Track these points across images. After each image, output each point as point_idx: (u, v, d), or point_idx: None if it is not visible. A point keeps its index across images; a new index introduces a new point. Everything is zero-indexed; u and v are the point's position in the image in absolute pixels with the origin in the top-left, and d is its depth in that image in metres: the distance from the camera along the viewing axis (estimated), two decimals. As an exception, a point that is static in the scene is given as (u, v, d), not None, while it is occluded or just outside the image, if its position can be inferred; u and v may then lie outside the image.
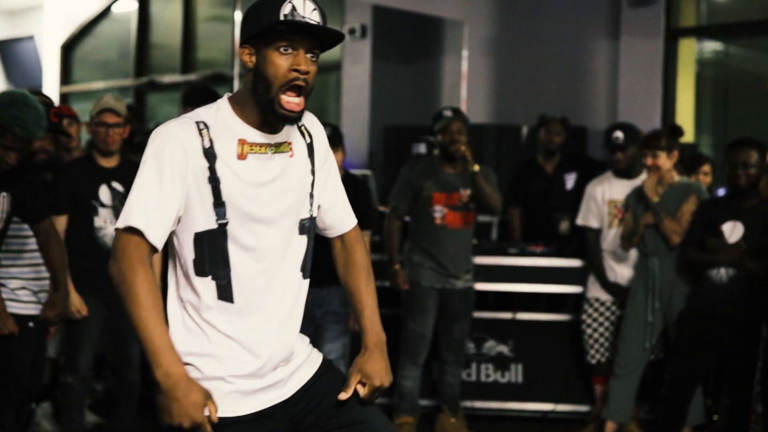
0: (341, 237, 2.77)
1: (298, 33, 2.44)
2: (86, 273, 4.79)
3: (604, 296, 5.67)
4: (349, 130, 9.12)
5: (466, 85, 8.86)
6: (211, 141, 2.46)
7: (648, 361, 5.48)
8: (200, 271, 2.45)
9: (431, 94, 9.34)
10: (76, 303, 4.75)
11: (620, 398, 5.42)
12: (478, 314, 5.78)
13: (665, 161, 5.30)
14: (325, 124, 2.87)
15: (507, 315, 6.04)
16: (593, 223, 5.68)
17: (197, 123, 2.49)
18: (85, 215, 4.85)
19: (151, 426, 5.09)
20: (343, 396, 2.59)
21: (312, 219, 2.62)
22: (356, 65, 9.27)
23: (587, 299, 5.75)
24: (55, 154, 5.70)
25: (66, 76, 12.94)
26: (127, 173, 4.92)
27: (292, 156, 2.55)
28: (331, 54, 10.21)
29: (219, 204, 2.43)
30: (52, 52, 12.93)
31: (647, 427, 5.62)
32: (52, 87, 12.80)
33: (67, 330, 4.89)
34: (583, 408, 5.90)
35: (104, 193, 4.88)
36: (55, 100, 11.82)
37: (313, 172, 2.60)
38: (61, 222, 4.79)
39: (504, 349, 6.04)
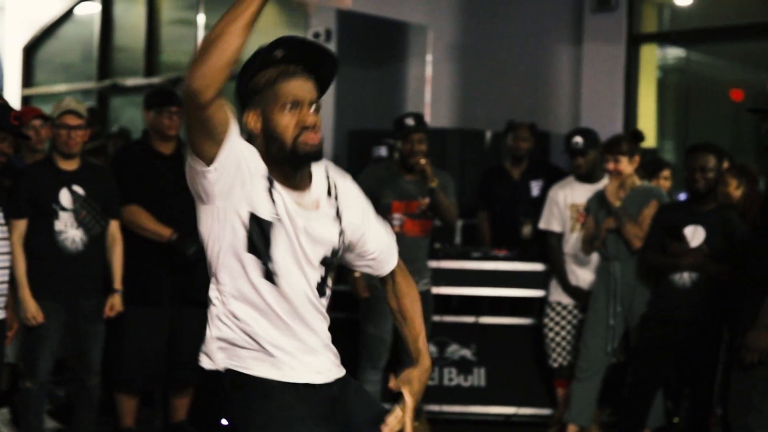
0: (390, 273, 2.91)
1: (297, 64, 2.56)
2: (47, 277, 4.76)
3: (566, 300, 5.71)
4: (313, 134, 9.12)
5: (430, 89, 8.88)
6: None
7: (609, 365, 5.52)
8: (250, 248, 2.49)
9: (395, 98, 9.35)
10: (32, 309, 4.72)
11: (582, 402, 5.46)
12: (440, 318, 5.79)
13: (626, 166, 5.35)
14: None
15: (470, 319, 6.06)
16: (555, 227, 5.71)
17: None
18: (46, 219, 4.82)
19: (110, 430, 5.08)
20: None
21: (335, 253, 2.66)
22: (321, 69, 9.25)
23: (549, 303, 5.78)
24: (15, 157, 5.65)
25: (28, 79, 12.82)
26: (87, 176, 4.89)
27: (318, 209, 2.59)
28: (295, 58, 10.20)
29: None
30: (13, 54, 12.80)
31: (609, 430, 5.66)
32: (13, 89, 12.67)
33: (26, 335, 4.85)
34: (545, 411, 5.94)
35: (65, 197, 4.85)
36: (17, 102, 11.73)
37: (339, 217, 2.66)
38: (20, 226, 4.75)
39: (467, 352, 6.06)
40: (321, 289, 2.63)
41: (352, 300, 5.58)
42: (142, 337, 5.13)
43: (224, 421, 5.67)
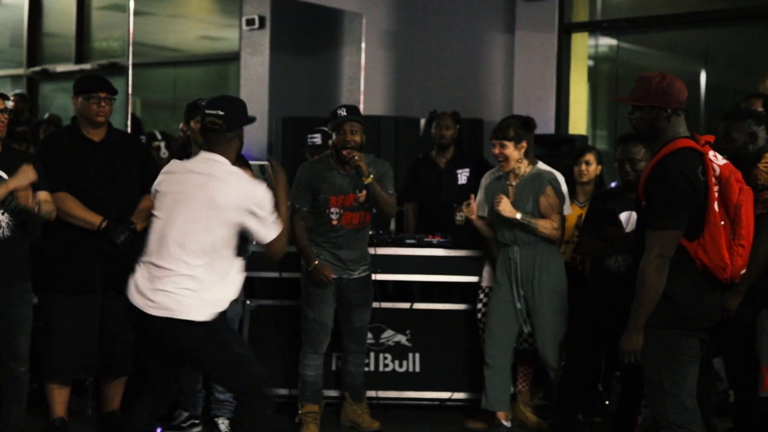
0: None
1: None
2: None
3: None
4: (247, 122, 9.07)
5: (364, 77, 8.89)
6: None
7: (531, 350, 5.61)
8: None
9: (330, 85, 9.34)
10: None
11: (497, 387, 5.54)
12: (376, 304, 5.81)
13: (513, 151, 5.43)
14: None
15: (405, 305, 6.09)
16: (485, 213, 5.76)
17: None
18: None
19: (41, 421, 5.02)
20: None
21: None
22: (254, 56, 9.21)
23: (482, 288, 5.84)
24: None
25: (-45, 65, 12.56)
26: (11, 161, 4.80)
27: None
28: (229, 45, 10.17)
29: None
30: (-61, 39, 12.54)
31: (542, 413, 5.74)
32: (-61, 75, 12.41)
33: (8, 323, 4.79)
34: (478, 396, 5.98)
35: None
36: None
37: None
38: None
39: (402, 338, 6.09)
40: None
41: (295, 286, 5.57)
42: (72, 326, 5.07)
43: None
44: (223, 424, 5.43)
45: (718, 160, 3.94)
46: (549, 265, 5.44)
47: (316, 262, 5.41)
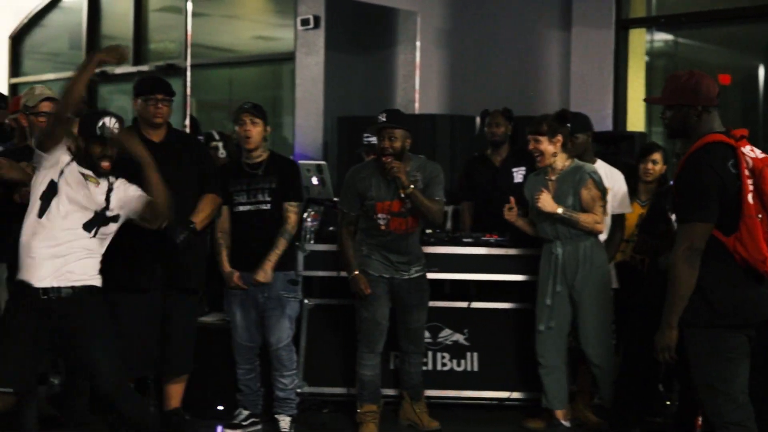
0: None
1: None
2: None
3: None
4: (302, 121, 9.13)
5: (419, 75, 8.89)
6: None
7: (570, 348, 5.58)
8: None
9: (384, 84, 9.35)
10: None
11: (553, 387, 5.51)
12: (433, 303, 5.81)
13: (547, 146, 5.39)
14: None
15: (462, 304, 6.07)
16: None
17: None
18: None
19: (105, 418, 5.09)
20: None
21: None
22: (309, 56, 9.25)
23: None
24: (11, 143, 5.67)
25: (15, 68, 12.77)
26: None
27: None
28: (285, 44, 10.21)
29: None
30: (0, 42, 12.75)
31: (601, 413, 5.69)
32: (1, 78, 12.62)
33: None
34: (537, 395, 5.95)
35: None
36: (5, 91, 11.66)
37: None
38: None
39: (460, 337, 6.07)
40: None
41: (348, 286, 5.59)
42: (133, 324, 5.12)
43: (220, 407, 5.71)
44: (283, 421, 5.46)
45: (754, 153, 3.89)
46: (593, 259, 5.40)
47: (356, 273, 5.43)
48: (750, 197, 3.83)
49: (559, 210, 5.32)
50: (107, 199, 4.43)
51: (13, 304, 4.42)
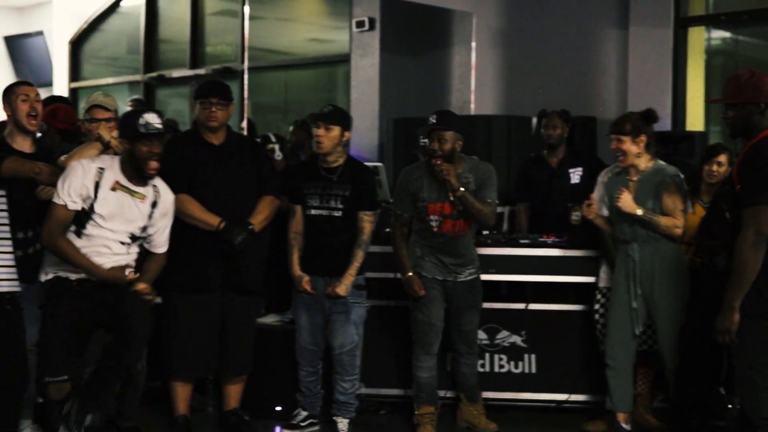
0: None
1: None
2: None
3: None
4: (358, 123, 9.13)
5: (474, 76, 8.86)
6: None
7: (651, 352, 5.49)
8: None
9: (440, 85, 9.34)
10: None
11: (619, 389, 5.44)
12: (490, 305, 5.78)
13: (630, 146, 5.30)
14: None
15: (520, 305, 6.04)
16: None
17: None
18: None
19: (163, 419, 5.15)
20: None
21: None
22: (365, 57, 9.27)
23: (599, 289, 5.75)
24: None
25: (75, 72, 12.97)
26: None
27: None
28: (339, 46, 10.24)
29: None
30: (60, 47, 12.96)
31: (662, 416, 5.62)
32: (61, 83, 12.83)
33: None
34: (596, 398, 5.90)
35: None
36: (66, 95, 11.86)
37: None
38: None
39: (517, 339, 6.04)
40: None
41: (401, 288, 5.60)
42: (193, 325, 5.18)
43: (278, 408, 5.75)
44: (341, 423, 5.46)
45: None
46: (670, 263, 5.30)
47: (410, 274, 5.42)
48: None
49: (639, 211, 5.23)
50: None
51: (52, 297, 4.57)
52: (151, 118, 4.54)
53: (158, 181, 4.79)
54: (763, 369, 3.90)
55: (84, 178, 4.56)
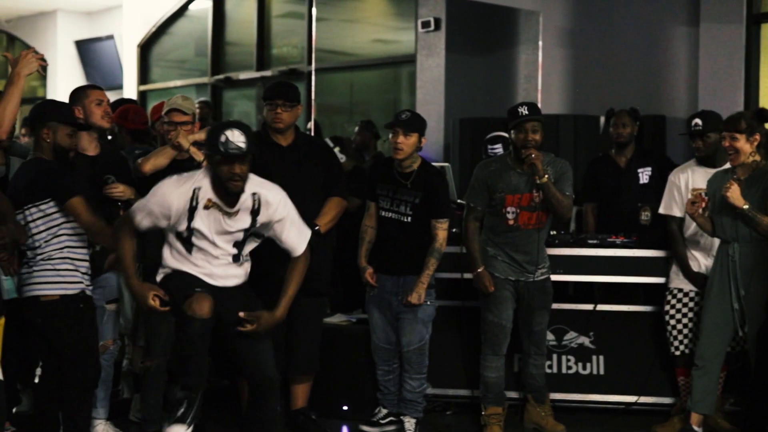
0: None
1: None
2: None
3: (687, 287, 5.59)
4: (424, 123, 9.13)
5: (541, 75, 8.79)
6: None
7: (734, 353, 5.39)
8: None
9: (506, 85, 9.29)
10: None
11: (703, 390, 5.33)
12: (558, 306, 5.73)
13: (744, 144, 5.18)
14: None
15: (588, 306, 5.98)
16: (676, 212, 5.59)
17: None
18: None
19: (231, 417, 5.20)
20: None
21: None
22: (430, 58, 9.26)
23: (670, 290, 5.67)
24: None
25: (144, 75, 13.17)
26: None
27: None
28: (405, 47, 10.26)
29: None
30: (130, 51, 13.17)
31: (733, 419, 5.53)
32: (130, 86, 13.03)
33: (147, 314, 5.02)
34: (666, 400, 5.82)
35: None
36: (135, 98, 12.05)
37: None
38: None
39: (585, 340, 5.99)
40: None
41: (471, 288, 5.57)
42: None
43: (345, 407, 5.77)
44: (409, 422, 5.46)
45: None
46: (766, 263, 5.17)
47: (480, 270, 5.40)
48: None
49: (746, 206, 5.14)
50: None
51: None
52: (234, 136, 4.20)
53: (256, 185, 4.44)
54: None
55: (178, 200, 4.33)
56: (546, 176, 5.27)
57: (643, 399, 5.88)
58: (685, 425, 5.40)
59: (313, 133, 8.01)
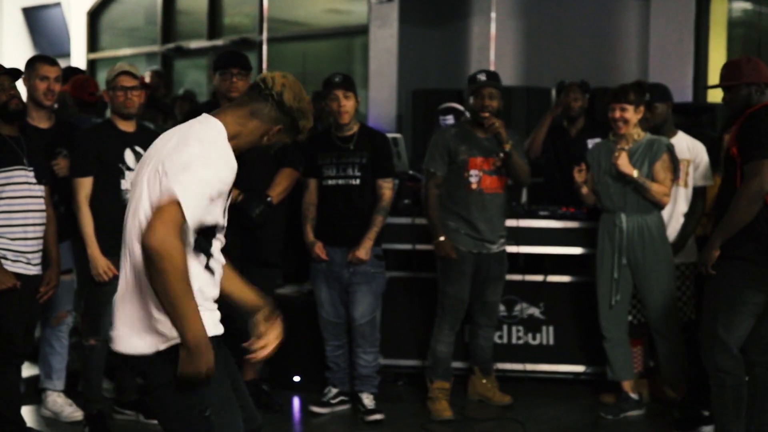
0: None
1: None
2: (113, 234, 4.83)
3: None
4: (376, 94, 9.11)
5: (494, 47, 8.79)
6: None
7: (639, 325, 5.52)
8: None
9: (459, 57, 9.28)
10: (102, 265, 4.84)
11: (619, 359, 5.44)
12: (509, 277, 5.77)
13: (632, 115, 5.30)
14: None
15: (538, 277, 6.03)
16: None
17: None
18: (112, 178, 4.95)
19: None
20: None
21: None
22: (383, 29, 9.22)
23: (619, 261, 5.73)
24: (81, 118, 5.77)
25: (93, 43, 12.96)
26: (145, 138, 4.96)
27: None
28: (358, 17, 10.19)
29: None
30: (78, 18, 12.95)
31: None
32: (79, 54, 12.83)
33: (90, 292, 4.97)
34: (614, 370, 5.90)
35: (129, 157, 5.00)
36: (83, 67, 11.86)
37: None
38: (86, 185, 4.87)
39: (535, 311, 6.04)
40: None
41: (423, 259, 5.58)
42: (212, 297, 5.18)
43: (296, 378, 5.76)
44: (368, 399, 5.45)
45: None
46: (657, 232, 5.35)
47: (442, 238, 5.39)
48: None
49: (635, 173, 5.24)
50: None
51: None
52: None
53: None
54: (727, 324, 4.34)
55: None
56: (510, 142, 5.32)
57: (591, 369, 5.96)
58: (621, 394, 5.50)
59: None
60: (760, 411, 4.48)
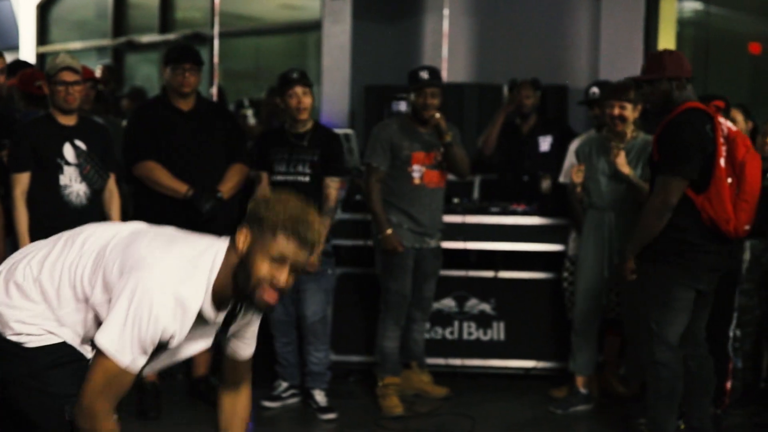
0: None
1: None
2: (51, 231, 4.76)
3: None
4: (329, 90, 9.09)
5: (447, 44, 8.82)
6: None
7: (618, 320, 5.52)
8: None
9: (412, 53, 9.29)
10: None
11: (583, 353, 5.48)
12: (459, 273, 5.79)
13: (631, 113, 5.31)
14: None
15: (489, 273, 6.06)
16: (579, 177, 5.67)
17: None
18: (51, 173, 4.83)
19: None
20: None
21: None
22: (336, 25, 9.20)
23: (569, 257, 5.78)
24: (23, 113, 5.69)
25: (43, 37, 12.80)
26: (87, 131, 4.89)
27: None
28: (311, 13, 10.16)
29: None
30: (28, 11, 12.78)
31: (628, 384, 5.67)
32: (28, 47, 12.66)
33: None
34: (563, 365, 5.94)
35: (68, 151, 4.86)
36: (32, 60, 11.70)
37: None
38: (23, 180, 4.79)
39: (486, 307, 6.07)
40: None
41: (372, 256, 5.58)
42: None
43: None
44: (320, 395, 5.43)
45: (728, 123, 4.40)
46: None
47: (389, 231, 5.38)
48: (722, 161, 4.26)
49: (631, 173, 5.23)
50: None
51: None
52: None
53: None
54: (661, 321, 4.39)
55: None
56: (450, 134, 5.34)
57: (542, 364, 6.00)
58: (572, 388, 5.54)
59: (216, 99, 7.90)
60: (696, 405, 4.55)
